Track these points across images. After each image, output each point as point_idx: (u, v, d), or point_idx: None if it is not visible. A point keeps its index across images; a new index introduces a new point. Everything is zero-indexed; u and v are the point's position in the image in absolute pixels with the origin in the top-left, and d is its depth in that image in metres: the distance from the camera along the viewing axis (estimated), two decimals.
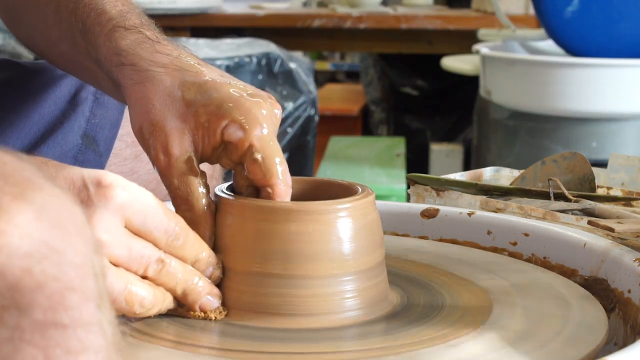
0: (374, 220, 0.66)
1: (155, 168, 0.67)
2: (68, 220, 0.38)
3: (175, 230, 0.60)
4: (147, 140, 0.67)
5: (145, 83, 0.68)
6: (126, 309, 0.58)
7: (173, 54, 0.71)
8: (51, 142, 0.93)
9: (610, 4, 2.14)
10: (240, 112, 0.66)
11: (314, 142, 2.86)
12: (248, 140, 0.65)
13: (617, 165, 1.05)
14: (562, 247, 0.78)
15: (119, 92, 0.72)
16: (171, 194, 0.66)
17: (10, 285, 0.36)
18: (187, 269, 0.61)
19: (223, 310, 0.64)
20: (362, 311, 0.64)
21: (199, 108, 0.66)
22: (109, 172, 0.57)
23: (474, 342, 0.60)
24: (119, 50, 0.72)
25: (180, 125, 0.66)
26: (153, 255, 0.59)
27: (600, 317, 0.65)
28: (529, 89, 2.21)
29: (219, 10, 3.44)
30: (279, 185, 0.65)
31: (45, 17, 0.83)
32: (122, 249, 0.57)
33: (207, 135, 0.66)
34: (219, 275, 0.64)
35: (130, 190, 0.57)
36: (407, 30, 3.36)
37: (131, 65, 0.70)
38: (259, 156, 0.65)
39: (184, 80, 0.68)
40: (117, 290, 0.57)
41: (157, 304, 0.60)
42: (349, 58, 5.69)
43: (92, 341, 0.38)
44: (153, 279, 0.59)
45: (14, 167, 0.38)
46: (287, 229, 0.63)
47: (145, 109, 0.67)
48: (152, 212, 0.58)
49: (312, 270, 0.63)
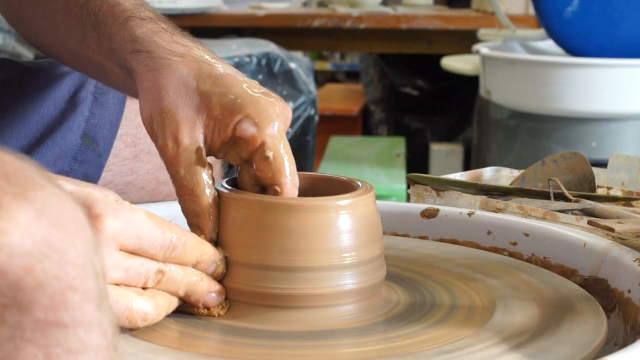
0: (374, 216, 0.67)
1: (162, 157, 0.66)
2: (69, 220, 0.38)
3: (171, 242, 0.59)
4: (156, 128, 0.67)
5: (161, 70, 0.68)
6: (129, 326, 0.58)
7: (189, 45, 0.70)
8: (50, 142, 0.93)
9: (610, 4, 2.14)
10: (254, 109, 0.65)
11: (314, 142, 2.86)
12: (261, 137, 0.65)
13: (617, 165, 1.05)
14: (562, 247, 0.78)
15: (129, 82, 0.72)
16: (176, 183, 0.66)
17: (11, 284, 0.36)
18: (188, 272, 0.61)
19: (226, 304, 0.64)
20: (361, 304, 0.64)
21: (213, 100, 0.66)
22: (98, 198, 0.56)
23: (474, 343, 0.60)
24: (134, 37, 0.71)
25: (192, 115, 0.66)
26: (152, 269, 0.59)
27: (600, 317, 0.65)
28: (529, 89, 2.21)
29: (219, 10, 3.44)
30: (287, 184, 0.65)
31: (53, 13, 0.83)
32: (119, 272, 0.57)
33: (218, 129, 0.66)
34: (223, 271, 0.64)
35: (121, 217, 0.56)
36: (407, 30, 3.36)
37: (147, 52, 0.70)
38: (270, 154, 0.65)
39: (200, 71, 0.68)
40: (117, 311, 0.57)
41: (162, 312, 0.60)
42: (349, 58, 5.69)
43: (93, 341, 0.38)
44: (154, 288, 0.59)
45: (15, 167, 0.38)
46: (287, 224, 0.63)
47: (158, 95, 0.67)
48: (145, 232, 0.57)
49: (312, 261, 0.63)
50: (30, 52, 2.67)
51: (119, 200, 0.57)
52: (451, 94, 3.83)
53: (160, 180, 0.99)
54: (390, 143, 3.58)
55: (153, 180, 0.99)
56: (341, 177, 0.71)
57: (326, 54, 5.70)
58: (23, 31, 0.93)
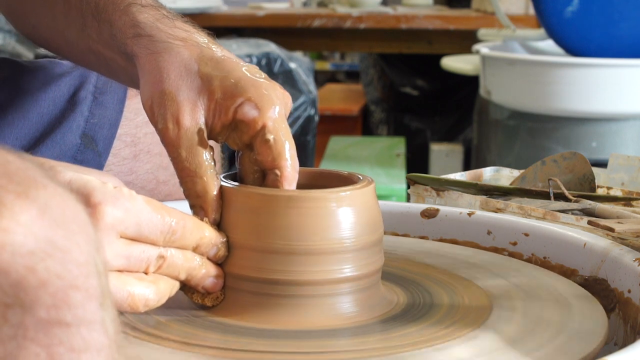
0: (374, 208, 0.67)
1: (163, 140, 0.66)
2: (71, 218, 0.38)
3: (171, 227, 0.59)
4: (156, 110, 0.66)
5: (162, 53, 0.68)
6: (131, 312, 0.58)
7: (191, 30, 0.71)
8: (50, 141, 0.93)
9: (610, 4, 2.14)
10: (256, 92, 0.65)
11: (314, 142, 2.86)
12: (262, 120, 0.65)
13: (617, 165, 1.05)
14: (562, 247, 0.78)
15: (130, 69, 0.72)
16: (178, 165, 0.65)
17: (14, 283, 0.36)
18: (189, 256, 0.61)
19: (221, 295, 0.64)
20: (359, 298, 0.65)
21: (215, 83, 0.66)
22: (97, 186, 0.56)
23: (473, 343, 0.60)
24: (136, 22, 0.71)
25: (193, 97, 0.66)
26: (152, 255, 0.59)
27: (600, 317, 0.65)
28: (529, 89, 2.21)
29: (219, 10, 3.44)
30: (287, 168, 0.65)
31: (53, 4, 0.84)
32: (120, 260, 0.57)
33: (219, 112, 0.66)
34: (225, 254, 0.64)
35: (120, 205, 0.56)
36: (407, 30, 3.36)
37: (148, 36, 0.70)
38: (271, 137, 0.65)
39: (201, 54, 0.68)
40: (119, 299, 0.57)
41: (163, 297, 0.60)
42: (349, 58, 5.69)
43: (95, 339, 0.38)
44: (155, 273, 0.59)
45: (18, 166, 0.38)
46: (288, 215, 0.63)
47: (159, 78, 0.67)
48: (145, 218, 0.57)
49: (312, 246, 0.63)
50: (30, 52, 2.67)
51: (117, 187, 0.57)
52: (451, 94, 3.83)
53: (160, 180, 1.00)
54: (390, 143, 3.58)
55: (153, 180, 0.99)
56: (341, 172, 0.70)
57: (326, 54, 5.70)
58: (21, 24, 0.93)
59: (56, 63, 0.99)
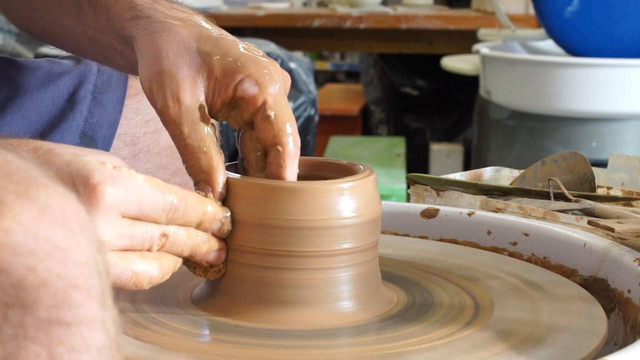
0: (374, 197, 0.67)
1: (163, 119, 0.66)
2: (72, 218, 0.38)
3: (173, 204, 0.59)
4: (155, 90, 0.66)
5: (161, 33, 0.68)
6: (135, 289, 0.58)
7: (189, 12, 0.71)
8: (49, 141, 0.93)
9: (610, 4, 2.15)
10: (256, 69, 0.65)
11: (314, 142, 2.86)
12: (263, 96, 0.65)
13: (617, 165, 1.05)
14: (562, 247, 0.78)
15: (127, 53, 0.72)
16: (180, 143, 0.65)
17: (14, 283, 0.36)
18: (192, 233, 0.61)
19: (223, 267, 0.64)
20: (357, 271, 0.65)
21: (214, 61, 0.66)
22: (96, 167, 0.55)
23: (473, 343, 0.60)
24: (133, 4, 0.71)
25: (193, 74, 0.66)
26: (155, 234, 0.58)
27: (600, 317, 0.65)
28: (529, 89, 2.21)
29: (219, 10, 3.44)
30: (289, 144, 0.65)
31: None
32: (123, 239, 0.57)
33: (219, 89, 0.66)
34: (229, 228, 0.63)
35: (120, 184, 0.55)
36: (407, 30, 3.36)
37: (147, 17, 0.70)
38: (272, 113, 0.65)
39: (200, 33, 0.68)
40: (124, 278, 0.57)
41: (167, 274, 0.60)
42: (349, 58, 5.69)
43: (96, 339, 0.38)
44: (159, 251, 0.59)
45: (18, 166, 0.38)
46: (289, 205, 0.62)
47: (158, 57, 0.67)
48: (146, 197, 0.57)
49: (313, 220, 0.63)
50: (30, 52, 2.67)
51: (117, 167, 0.56)
52: (451, 94, 3.83)
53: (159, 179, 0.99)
54: (390, 143, 3.58)
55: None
56: (341, 162, 0.70)
57: (326, 54, 5.70)
58: (15, 16, 0.92)
59: (55, 63, 0.99)
